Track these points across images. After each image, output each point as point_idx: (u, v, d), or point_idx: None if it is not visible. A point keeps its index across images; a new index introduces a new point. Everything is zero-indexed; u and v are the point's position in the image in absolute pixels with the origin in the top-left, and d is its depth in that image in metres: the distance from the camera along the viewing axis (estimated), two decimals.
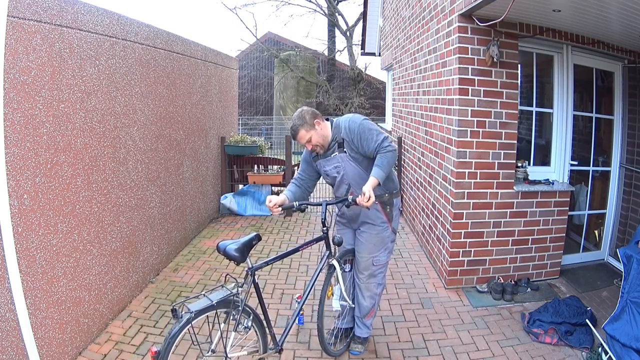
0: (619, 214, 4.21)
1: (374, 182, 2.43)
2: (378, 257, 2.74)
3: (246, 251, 2.22)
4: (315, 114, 2.57)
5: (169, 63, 4.27)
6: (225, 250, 2.18)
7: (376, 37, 9.74)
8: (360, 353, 2.87)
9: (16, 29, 2.24)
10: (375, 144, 2.48)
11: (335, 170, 2.64)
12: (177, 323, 1.97)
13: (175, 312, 1.97)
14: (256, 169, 6.58)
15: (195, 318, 2.01)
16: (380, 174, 2.44)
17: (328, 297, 2.75)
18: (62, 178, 2.65)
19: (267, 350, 2.43)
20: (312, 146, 2.58)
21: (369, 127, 2.52)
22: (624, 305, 2.58)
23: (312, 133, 2.53)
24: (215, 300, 2.08)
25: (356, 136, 2.51)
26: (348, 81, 17.31)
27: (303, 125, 2.51)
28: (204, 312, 2.06)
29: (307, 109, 2.59)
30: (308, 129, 2.52)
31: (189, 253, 4.66)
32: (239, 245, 2.19)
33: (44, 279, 2.48)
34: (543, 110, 4.01)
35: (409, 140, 5.70)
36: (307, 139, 2.54)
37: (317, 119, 2.54)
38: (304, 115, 2.53)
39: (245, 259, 2.22)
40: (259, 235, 2.32)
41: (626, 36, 3.55)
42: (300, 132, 2.52)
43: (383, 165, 2.46)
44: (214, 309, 2.09)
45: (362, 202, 2.38)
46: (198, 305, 2.04)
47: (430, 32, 4.37)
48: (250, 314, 2.27)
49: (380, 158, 2.48)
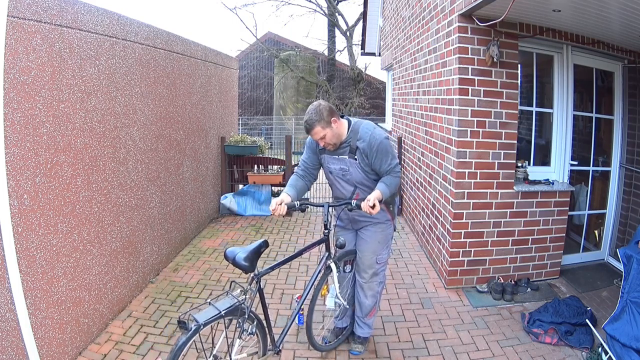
0: (619, 214, 4.21)
1: (379, 195, 2.44)
2: (381, 255, 2.77)
3: (255, 260, 2.19)
4: (333, 110, 2.48)
5: (169, 63, 4.27)
6: (234, 260, 2.14)
7: (376, 37, 9.74)
8: (361, 353, 2.87)
9: (16, 29, 2.24)
10: (389, 167, 2.54)
11: (340, 172, 2.63)
12: (184, 334, 1.92)
13: (183, 325, 1.92)
14: (256, 169, 6.58)
15: (202, 329, 1.97)
16: (386, 191, 2.49)
17: (322, 295, 2.76)
18: (62, 178, 2.65)
19: (266, 353, 2.43)
20: (325, 143, 2.52)
21: (387, 149, 2.53)
22: (624, 305, 2.58)
23: (328, 131, 2.46)
24: (222, 310, 2.04)
25: (373, 153, 2.50)
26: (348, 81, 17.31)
27: (320, 122, 2.43)
28: (211, 322, 2.02)
29: (325, 104, 2.49)
30: (324, 126, 2.45)
31: (189, 253, 4.66)
32: (247, 253, 2.15)
33: (44, 279, 2.48)
34: (543, 110, 4.01)
35: (409, 140, 5.70)
36: (321, 135, 2.47)
37: (335, 117, 2.47)
38: (321, 110, 2.43)
39: (254, 268, 2.19)
40: (266, 242, 2.28)
41: (626, 36, 3.55)
42: (315, 127, 2.44)
43: (390, 185, 2.52)
44: (221, 318, 2.05)
45: (366, 208, 2.38)
46: (205, 315, 2.00)
47: (430, 32, 4.37)
48: (254, 320, 2.26)
49: (389, 178, 2.54)
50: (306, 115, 2.47)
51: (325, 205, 2.62)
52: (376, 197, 2.40)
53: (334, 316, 2.98)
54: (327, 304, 2.78)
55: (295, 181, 2.67)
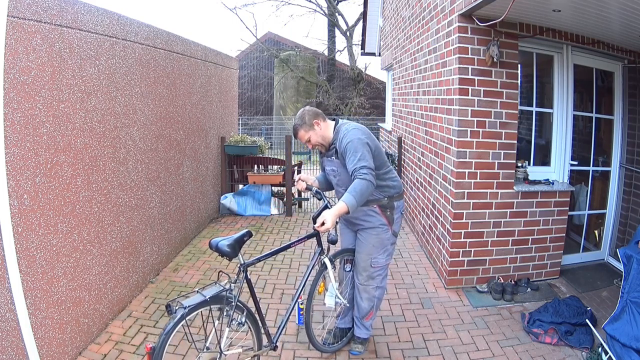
0: (619, 214, 4.21)
1: (341, 208, 2.29)
2: (377, 258, 2.72)
3: (237, 247, 2.24)
4: (316, 114, 2.62)
5: (169, 63, 4.27)
6: (217, 246, 2.21)
7: (376, 37, 9.74)
8: (360, 353, 2.87)
9: (16, 29, 2.24)
10: (353, 167, 2.39)
11: (332, 173, 2.71)
12: (172, 319, 2.00)
13: (169, 308, 2.01)
14: (256, 169, 6.58)
15: (189, 314, 2.04)
16: (350, 200, 2.28)
17: (319, 292, 2.76)
18: (62, 178, 2.65)
19: (261, 348, 2.45)
20: (312, 145, 2.67)
21: (355, 149, 2.41)
22: (624, 305, 2.58)
23: (311, 133, 2.61)
24: (208, 296, 2.10)
25: (343, 152, 2.51)
26: (348, 81, 17.30)
27: (302, 126, 2.60)
28: (198, 308, 2.08)
29: (309, 109, 2.66)
30: (307, 130, 2.60)
31: (189, 253, 4.66)
32: (230, 241, 2.22)
33: (44, 279, 2.48)
34: (543, 110, 4.01)
35: (409, 140, 5.70)
36: (306, 138, 2.63)
37: (317, 120, 2.60)
38: (304, 115, 2.61)
39: (237, 254, 2.24)
40: (250, 232, 2.34)
41: (626, 36, 3.55)
42: (299, 132, 2.62)
43: (355, 192, 2.30)
44: (207, 304, 2.11)
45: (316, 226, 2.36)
46: (191, 301, 2.07)
47: (430, 32, 4.37)
48: (243, 310, 2.29)
49: (354, 183, 2.35)
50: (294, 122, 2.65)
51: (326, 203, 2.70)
52: (337, 211, 2.28)
53: (335, 316, 2.98)
54: (327, 302, 2.78)
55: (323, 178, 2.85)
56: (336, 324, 2.98)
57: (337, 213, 2.31)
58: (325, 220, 2.29)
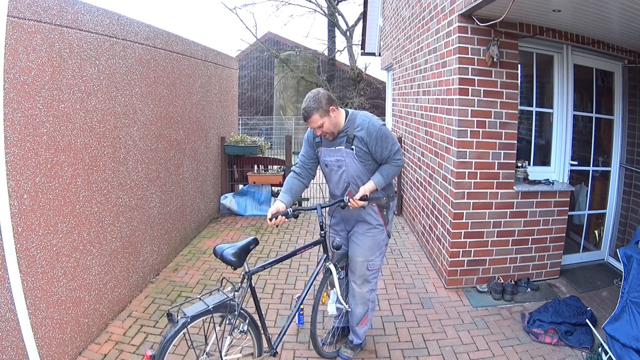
0: (619, 214, 4.21)
1: (372, 187, 2.46)
2: (373, 261, 2.67)
3: (243, 255, 2.17)
4: (332, 99, 2.45)
5: (169, 63, 4.27)
6: (222, 255, 2.13)
7: (376, 37, 9.74)
8: (349, 358, 2.81)
9: (16, 29, 2.24)
10: (390, 152, 2.51)
11: (336, 164, 2.56)
12: (173, 327, 1.96)
13: (170, 317, 1.95)
14: (256, 169, 6.58)
15: (191, 323, 2.00)
16: (380, 181, 2.50)
17: (323, 302, 2.73)
18: (62, 178, 2.65)
19: (261, 354, 2.41)
20: (322, 132, 2.48)
21: (386, 135, 2.49)
22: (624, 305, 2.58)
23: (326, 119, 2.42)
24: (211, 305, 2.05)
25: (373, 140, 2.45)
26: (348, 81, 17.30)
27: (318, 110, 2.38)
28: (200, 317, 2.03)
29: (324, 92, 2.45)
30: (322, 115, 2.40)
31: (189, 253, 4.66)
32: (236, 249, 2.14)
33: (44, 279, 2.48)
34: (543, 110, 4.01)
35: (409, 140, 5.70)
36: (319, 124, 2.42)
37: (333, 106, 2.44)
38: (320, 98, 2.39)
39: (242, 263, 2.17)
40: (256, 239, 2.28)
41: (626, 36, 3.55)
42: (313, 115, 2.39)
43: (387, 175, 2.52)
44: (209, 313, 2.06)
45: (353, 204, 2.39)
46: (194, 309, 2.02)
47: (430, 32, 4.37)
48: (246, 318, 2.25)
49: (387, 168, 2.53)
50: (304, 103, 2.41)
51: (317, 207, 2.54)
52: (369, 188, 2.43)
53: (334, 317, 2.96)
54: (329, 310, 2.74)
55: (291, 184, 2.61)
56: (335, 323, 2.96)
57: (370, 189, 2.47)
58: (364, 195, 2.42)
